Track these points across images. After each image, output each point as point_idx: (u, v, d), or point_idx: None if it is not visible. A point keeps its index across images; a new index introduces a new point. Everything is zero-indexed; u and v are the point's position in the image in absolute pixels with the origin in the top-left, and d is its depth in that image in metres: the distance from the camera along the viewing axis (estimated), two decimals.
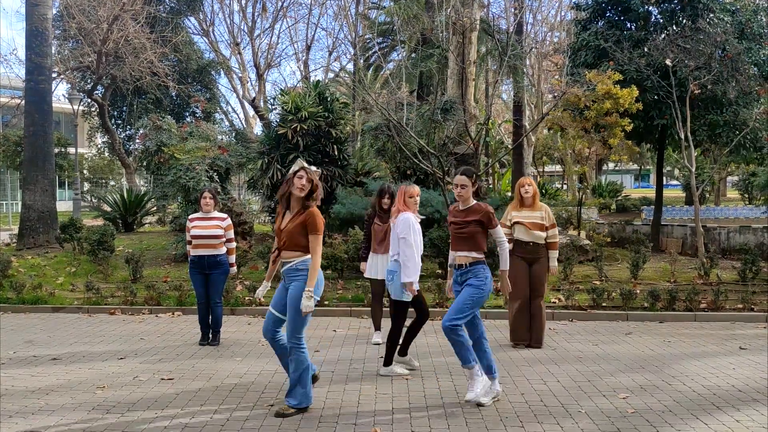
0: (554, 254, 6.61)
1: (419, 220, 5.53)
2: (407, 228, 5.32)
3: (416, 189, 5.61)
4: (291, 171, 4.70)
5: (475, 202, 4.98)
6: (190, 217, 7.05)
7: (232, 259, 7.00)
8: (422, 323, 5.81)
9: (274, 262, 4.97)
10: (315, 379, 5.03)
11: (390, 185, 6.55)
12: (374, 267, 6.55)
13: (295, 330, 4.56)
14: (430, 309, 6.08)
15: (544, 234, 6.51)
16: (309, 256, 4.58)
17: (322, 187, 4.88)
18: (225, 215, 7.07)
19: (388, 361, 5.65)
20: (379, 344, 6.63)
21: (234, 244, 7.07)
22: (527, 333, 6.62)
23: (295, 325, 4.55)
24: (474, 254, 4.87)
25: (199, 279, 6.86)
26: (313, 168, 4.70)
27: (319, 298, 4.63)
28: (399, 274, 5.34)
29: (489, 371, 4.87)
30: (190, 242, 6.87)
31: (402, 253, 5.28)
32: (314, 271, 4.52)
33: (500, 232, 4.95)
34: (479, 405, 4.73)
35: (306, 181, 4.58)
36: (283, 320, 4.70)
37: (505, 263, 4.96)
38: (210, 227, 6.79)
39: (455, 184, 4.94)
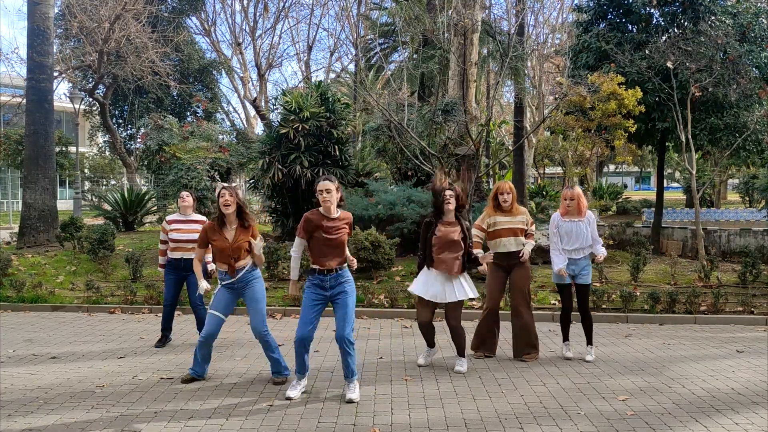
0: (529, 243, 6.16)
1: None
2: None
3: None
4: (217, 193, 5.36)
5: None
6: (168, 218, 6.83)
7: (209, 257, 6.60)
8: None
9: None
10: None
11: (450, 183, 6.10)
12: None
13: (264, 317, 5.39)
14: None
15: (515, 240, 6.10)
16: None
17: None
18: (203, 217, 6.88)
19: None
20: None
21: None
22: (491, 344, 6.28)
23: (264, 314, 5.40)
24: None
25: (172, 280, 6.69)
26: (233, 184, 5.30)
27: None
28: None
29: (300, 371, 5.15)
30: (165, 242, 6.67)
31: None
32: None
33: None
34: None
35: (229, 196, 5.21)
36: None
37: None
38: (190, 231, 6.60)
39: (321, 190, 4.93)
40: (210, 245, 5.38)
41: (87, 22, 18.90)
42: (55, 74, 17.87)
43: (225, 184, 5.31)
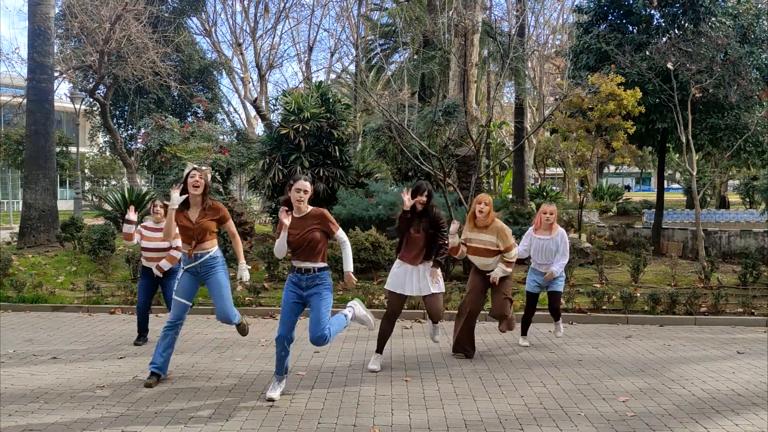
0: (503, 267, 6.03)
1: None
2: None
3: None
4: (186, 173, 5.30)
5: (311, 208, 5.05)
6: (144, 224, 6.79)
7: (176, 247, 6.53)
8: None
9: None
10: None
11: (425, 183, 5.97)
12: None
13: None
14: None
15: (493, 260, 6.06)
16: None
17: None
18: None
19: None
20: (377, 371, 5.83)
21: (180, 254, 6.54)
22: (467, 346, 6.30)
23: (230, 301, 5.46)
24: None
25: (145, 285, 6.71)
26: (203, 167, 5.33)
27: None
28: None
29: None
30: (131, 223, 6.54)
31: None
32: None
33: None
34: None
35: (199, 178, 5.21)
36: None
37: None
38: (159, 239, 6.58)
39: (298, 189, 4.94)
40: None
41: (88, 23, 18.89)
42: (56, 74, 17.86)
43: (195, 165, 5.29)
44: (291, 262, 5.03)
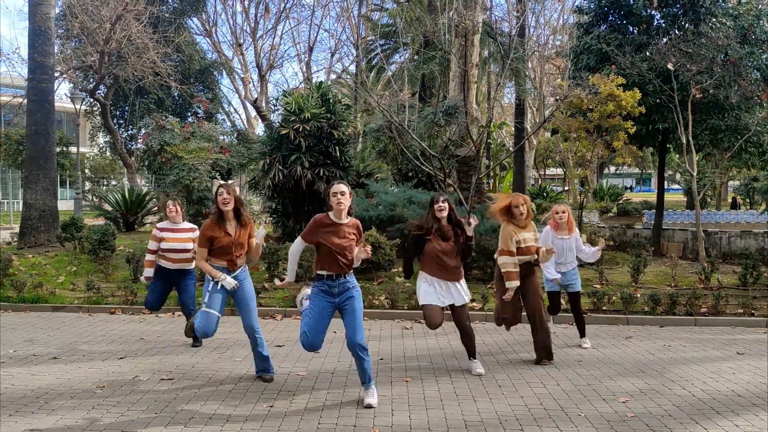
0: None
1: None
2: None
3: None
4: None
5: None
6: (159, 225, 6.68)
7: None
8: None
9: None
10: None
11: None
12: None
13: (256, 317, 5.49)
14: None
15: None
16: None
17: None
18: (194, 226, 6.75)
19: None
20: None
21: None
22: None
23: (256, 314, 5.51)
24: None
25: (159, 285, 6.58)
26: (230, 181, 5.22)
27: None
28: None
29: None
30: (154, 252, 6.51)
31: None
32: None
33: None
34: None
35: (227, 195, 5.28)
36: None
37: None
38: (182, 240, 6.53)
39: (335, 193, 4.82)
40: (212, 243, 5.29)
41: (88, 23, 18.92)
42: (56, 74, 17.89)
43: (222, 182, 5.39)
44: (319, 270, 4.90)
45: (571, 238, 6.58)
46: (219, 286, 5.27)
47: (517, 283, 5.86)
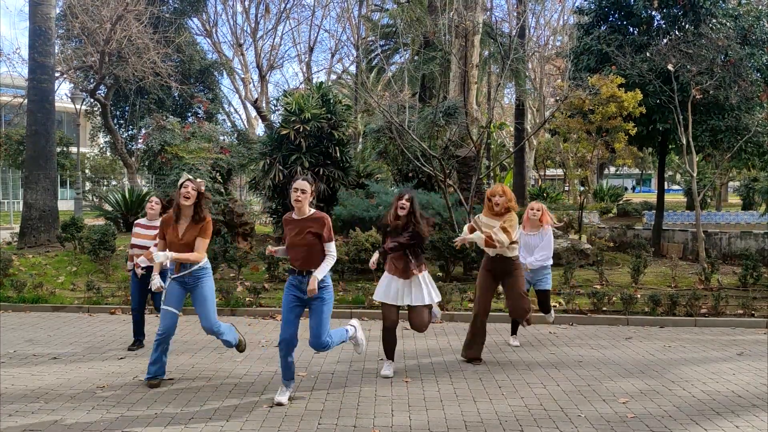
0: (477, 234, 5.96)
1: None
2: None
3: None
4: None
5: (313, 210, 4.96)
6: (136, 221, 6.68)
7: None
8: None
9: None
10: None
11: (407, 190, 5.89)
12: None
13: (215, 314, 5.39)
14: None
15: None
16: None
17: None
18: None
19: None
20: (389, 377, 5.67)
21: None
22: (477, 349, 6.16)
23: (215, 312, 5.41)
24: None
25: (137, 285, 6.50)
26: (198, 180, 5.29)
27: None
28: None
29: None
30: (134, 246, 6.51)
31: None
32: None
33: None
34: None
35: (192, 190, 5.17)
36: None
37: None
38: (147, 237, 6.47)
39: (296, 189, 4.82)
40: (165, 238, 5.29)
41: (88, 23, 18.92)
42: (57, 75, 17.89)
43: (190, 176, 5.25)
44: (290, 264, 5.00)
45: (537, 236, 6.72)
46: (171, 281, 5.26)
47: (473, 238, 5.93)
